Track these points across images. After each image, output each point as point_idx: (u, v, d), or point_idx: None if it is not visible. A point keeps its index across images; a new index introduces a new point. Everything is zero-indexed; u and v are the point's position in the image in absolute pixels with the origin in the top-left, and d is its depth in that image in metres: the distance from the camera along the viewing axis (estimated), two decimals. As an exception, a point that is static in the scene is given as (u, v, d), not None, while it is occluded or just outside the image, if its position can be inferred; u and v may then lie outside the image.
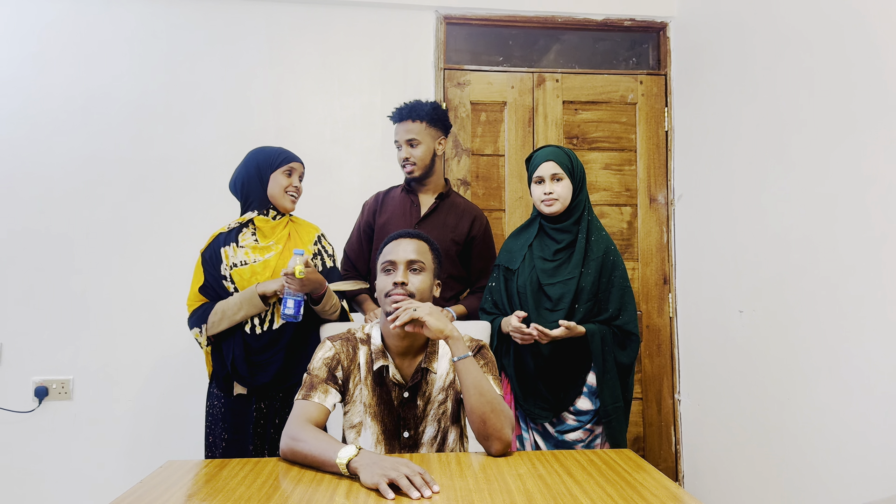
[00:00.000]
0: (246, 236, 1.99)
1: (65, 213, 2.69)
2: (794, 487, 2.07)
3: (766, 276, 2.24)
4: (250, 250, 1.96)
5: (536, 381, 1.98)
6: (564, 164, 2.00)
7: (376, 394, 1.53)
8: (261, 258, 1.95)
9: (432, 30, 2.91)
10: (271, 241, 1.99)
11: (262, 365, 1.93)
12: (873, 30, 1.79)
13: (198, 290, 1.98)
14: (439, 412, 1.52)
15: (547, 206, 1.99)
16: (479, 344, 1.58)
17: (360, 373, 1.54)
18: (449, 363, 1.55)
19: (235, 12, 2.82)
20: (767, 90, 2.25)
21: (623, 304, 2.00)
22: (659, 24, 3.03)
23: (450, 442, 1.52)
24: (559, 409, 1.97)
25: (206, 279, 1.97)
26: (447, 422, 1.52)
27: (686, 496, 1.17)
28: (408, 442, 1.52)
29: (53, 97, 2.70)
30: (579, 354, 1.96)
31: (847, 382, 1.85)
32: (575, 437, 1.97)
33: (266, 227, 2.00)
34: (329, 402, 1.47)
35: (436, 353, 1.56)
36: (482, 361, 1.53)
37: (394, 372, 1.53)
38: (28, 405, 2.63)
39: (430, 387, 1.53)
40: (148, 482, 1.26)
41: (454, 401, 1.54)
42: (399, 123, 2.24)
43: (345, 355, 1.54)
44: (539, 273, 2.00)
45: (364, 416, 1.52)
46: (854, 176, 1.84)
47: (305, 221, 2.14)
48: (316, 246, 2.06)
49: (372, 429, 1.52)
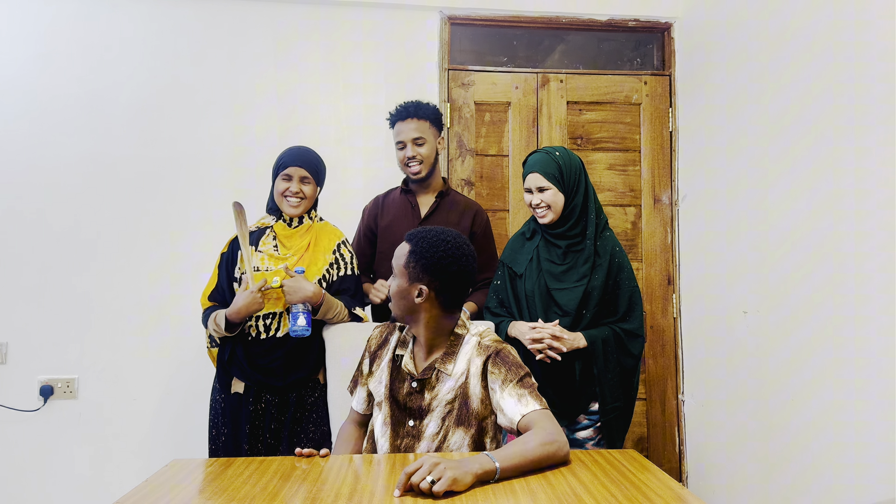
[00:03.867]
0: (267, 241, 1.98)
1: (70, 213, 2.70)
2: (798, 488, 2.06)
3: (770, 276, 2.23)
4: (267, 257, 1.95)
5: (546, 387, 1.93)
6: (550, 174, 1.95)
7: (392, 378, 1.58)
8: (274, 268, 1.93)
9: (436, 30, 2.92)
10: (289, 252, 1.97)
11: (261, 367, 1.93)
12: (878, 29, 1.78)
13: (208, 295, 2.00)
14: (444, 410, 1.51)
15: (540, 218, 1.99)
16: (496, 348, 1.51)
17: (386, 356, 1.62)
18: (466, 365, 1.52)
19: (241, 12, 2.83)
20: (772, 90, 2.25)
21: (631, 306, 1.99)
22: (663, 25, 3.03)
23: (451, 444, 1.49)
24: (573, 414, 1.96)
25: (219, 281, 1.98)
26: (451, 422, 1.50)
27: (690, 496, 1.17)
28: (411, 431, 1.52)
29: (59, 96, 2.72)
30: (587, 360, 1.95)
31: (851, 383, 1.85)
32: (586, 434, 1.97)
33: (284, 235, 1.99)
34: (358, 404, 1.67)
35: (454, 355, 1.53)
36: (504, 367, 1.47)
37: (406, 362, 1.56)
38: (33, 404, 2.64)
39: (440, 385, 1.52)
40: (153, 481, 1.26)
41: (464, 405, 1.50)
42: (403, 122, 2.19)
43: (376, 340, 1.67)
44: (547, 277, 1.98)
45: (381, 398, 1.58)
46: (859, 176, 1.84)
47: (332, 227, 2.10)
48: (334, 255, 2.03)
49: (384, 410, 1.56)
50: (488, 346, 1.52)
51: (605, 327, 1.97)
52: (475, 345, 1.54)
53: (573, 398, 1.95)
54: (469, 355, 1.53)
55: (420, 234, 1.56)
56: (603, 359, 1.93)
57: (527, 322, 1.96)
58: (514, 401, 1.42)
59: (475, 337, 1.56)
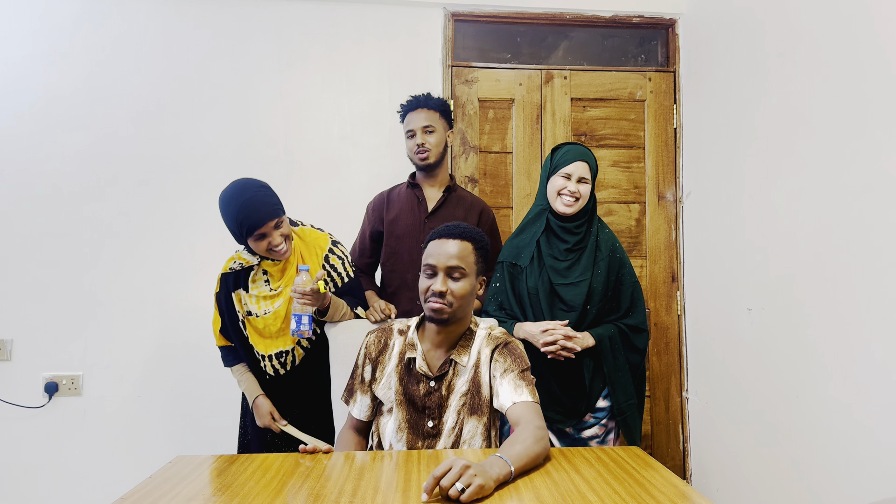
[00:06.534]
0: (258, 281, 1.92)
1: (74, 211, 2.71)
2: (802, 485, 2.06)
3: (775, 273, 2.23)
4: (261, 299, 1.90)
5: (553, 388, 1.95)
6: (592, 169, 1.99)
7: (403, 383, 1.57)
8: (272, 309, 1.89)
9: (440, 27, 2.91)
10: (280, 284, 1.90)
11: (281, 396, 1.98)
12: (885, 25, 1.77)
13: (219, 331, 2.00)
14: (459, 403, 1.54)
15: (567, 206, 1.95)
16: (505, 340, 1.58)
17: (391, 362, 1.59)
18: (477, 356, 1.56)
19: (244, 10, 2.83)
20: (777, 86, 2.24)
21: (633, 301, 1.99)
22: (668, 21, 3.02)
23: (465, 434, 1.52)
24: (582, 413, 1.96)
25: (224, 322, 1.97)
26: (465, 413, 1.53)
27: (694, 494, 1.16)
28: (431, 431, 1.53)
29: (64, 95, 2.72)
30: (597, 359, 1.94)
31: (856, 380, 1.84)
32: (591, 433, 1.97)
33: (275, 271, 1.91)
34: (360, 412, 1.62)
35: (467, 348, 1.57)
36: (508, 359, 1.53)
37: (420, 364, 1.56)
38: (38, 401, 2.65)
39: (457, 378, 1.55)
40: (157, 477, 1.27)
41: (476, 394, 1.53)
42: (413, 112, 2.23)
43: (375, 346, 1.62)
44: (550, 273, 1.96)
45: (392, 403, 1.57)
46: (864, 173, 1.83)
47: (314, 233, 2.00)
48: (324, 269, 1.95)
49: (397, 416, 1.55)
50: (498, 337, 1.59)
51: (609, 325, 1.97)
52: (485, 336, 1.60)
53: (582, 397, 1.95)
54: (479, 346, 1.58)
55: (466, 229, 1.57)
56: (612, 357, 1.93)
57: (533, 322, 1.94)
58: (510, 388, 1.48)
59: (484, 330, 1.61)
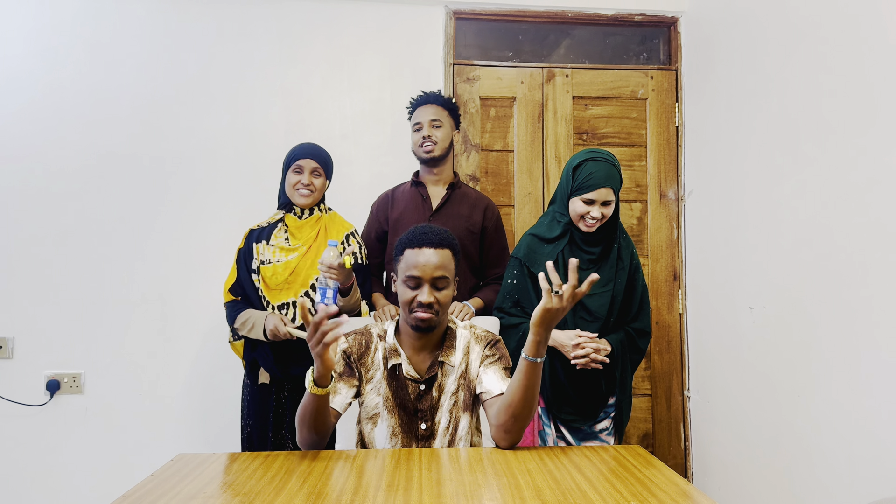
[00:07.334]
0: (279, 235, 2.05)
1: (75, 208, 2.71)
2: (804, 485, 2.06)
3: (776, 272, 2.22)
4: (278, 250, 2.03)
5: (567, 389, 1.95)
6: (616, 189, 1.91)
7: (392, 388, 1.54)
8: (284, 259, 2.01)
9: (442, 25, 2.91)
10: (298, 242, 2.04)
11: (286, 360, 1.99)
12: (888, 23, 1.76)
13: (229, 289, 2.07)
14: (451, 402, 1.54)
15: (589, 228, 1.91)
16: (495, 338, 1.61)
17: (374, 367, 1.55)
18: (465, 354, 1.56)
19: (245, 8, 2.83)
20: (779, 85, 2.23)
21: (641, 305, 2.00)
22: (670, 19, 3.01)
23: (460, 430, 1.53)
24: (595, 416, 1.96)
25: (239, 275, 2.05)
26: (458, 411, 1.54)
27: (695, 492, 1.16)
28: (424, 433, 1.53)
29: (65, 93, 2.72)
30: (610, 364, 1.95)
31: (857, 379, 1.84)
32: (603, 426, 2.00)
33: (294, 227, 2.06)
34: (339, 402, 1.49)
35: (453, 347, 1.57)
36: (497, 354, 1.56)
37: (407, 368, 1.54)
38: (40, 399, 2.65)
39: (446, 378, 1.55)
40: (158, 475, 1.27)
41: (466, 390, 1.55)
42: (423, 107, 2.26)
43: (356, 349, 1.56)
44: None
45: (381, 409, 1.54)
46: (866, 172, 1.82)
47: (340, 218, 2.17)
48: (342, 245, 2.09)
49: (388, 421, 1.54)
50: (486, 335, 1.61)
51: (620, 331, 1.98)
52: (471, 335, 1.60)
53: (597, 401, 1.96)
54: (467, 344, 1.58)
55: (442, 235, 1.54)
56: (621, 361, 1.95)
57: (561, 331, 1.92)
58: (498, 377, 1.51)
59: (466, 330, 1.61)
